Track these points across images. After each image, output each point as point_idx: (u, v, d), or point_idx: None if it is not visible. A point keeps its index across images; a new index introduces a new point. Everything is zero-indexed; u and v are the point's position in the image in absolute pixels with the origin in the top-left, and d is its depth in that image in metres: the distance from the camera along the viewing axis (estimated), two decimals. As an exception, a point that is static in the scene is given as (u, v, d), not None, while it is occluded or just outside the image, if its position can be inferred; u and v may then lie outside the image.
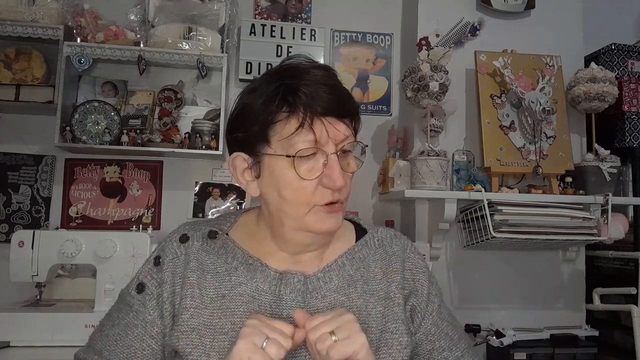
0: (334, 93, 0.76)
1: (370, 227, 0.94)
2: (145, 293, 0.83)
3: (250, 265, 0.82)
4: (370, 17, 2.27)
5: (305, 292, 0.81)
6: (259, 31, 2.11)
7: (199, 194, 2.10)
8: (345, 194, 0.80)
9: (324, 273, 0.83)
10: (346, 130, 0.77)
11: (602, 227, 1.76)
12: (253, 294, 0.80)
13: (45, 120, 1.95)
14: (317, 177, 0.75)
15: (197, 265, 0.83)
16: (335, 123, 0.75)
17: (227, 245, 0.85)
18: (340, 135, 0.76)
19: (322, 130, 0.74)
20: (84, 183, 2.04)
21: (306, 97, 0.74)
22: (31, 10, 1.84)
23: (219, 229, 0.87)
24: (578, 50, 2.09)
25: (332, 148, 0.75)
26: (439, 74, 1.79)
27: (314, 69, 0.78)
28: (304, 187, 0.75)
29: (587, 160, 1.89)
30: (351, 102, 0.79)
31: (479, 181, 1.86)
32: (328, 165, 0.75)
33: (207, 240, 0.86)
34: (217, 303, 0.79)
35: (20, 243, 1.63)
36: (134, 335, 0.81)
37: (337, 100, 0.75)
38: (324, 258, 0.86)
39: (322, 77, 0.77)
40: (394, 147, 2.05)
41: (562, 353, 1.77)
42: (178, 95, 2.05)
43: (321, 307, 0.80)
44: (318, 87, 0.75)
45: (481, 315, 1.90)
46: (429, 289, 0.88)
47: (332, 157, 0.75)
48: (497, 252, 1.96)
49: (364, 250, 0.89)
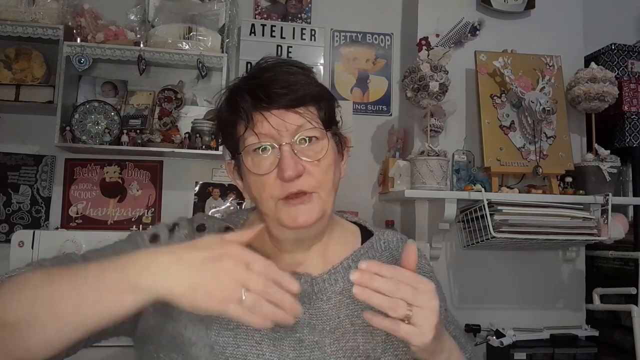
0: (283, 85, 0.75)
1: (376, 230, 0.94)
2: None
3: None
4: (370, 17, 2.27)
5: (311, 293, 0.81)
6: (259, 31, 2.11)
7: (199, 194, 2.10)
8: (312, 183, 0.76)
9: (329, 275, 0.83)
10: (299, 119, 0.76)
11: (602, 227, 1.75)
12: None
13: (45, 120, 1.95)
14: (272, 170, 0.75)
15: None
16: (283, 115, 0.75)
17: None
18: (292, 126, 0.75)
19: (266, 124, 0.75)
20: (84, 183, 2.04)
21: (250, 95, 0.76)
22: (31, 10, 1.84)
23: (233, 226, 0.87)
24: (578, 50, 2.08)
25: (287, 139, 0.75)
26: (439, 74, 1.79)
27: (276, 67, 0.79)
28: (262, 182, 0.76)
29: (587, 160, 1.89)
30: (305, 90, 0.77)
31: (479, 181, 1.86)
32: (280, 157, 0.75)
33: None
34: None
35: (20, 243, 1.63)
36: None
37: (285, 92, 0.75)
38: (327, 260, 0.85)
39: (276, 72, 0.78)
40: (394, 147, 2.05)
41: (562, 353, 1.77)
42: (178, 95, 2.05)
43: (326, 308, 0.80)
44: (265, 83, 0.76)
45: (481, 315, 1.90)
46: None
47: (283, 148, 0.75)
48: (497, 252, 1.96)
49: (369, 252, 0.88)
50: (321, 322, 0.79)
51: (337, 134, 0.84)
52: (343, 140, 0.86)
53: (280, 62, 0.80)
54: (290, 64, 0.80)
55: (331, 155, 0.80)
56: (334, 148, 0.81)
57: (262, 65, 0.80)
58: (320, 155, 0.77)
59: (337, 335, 0.78)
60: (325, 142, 0.78)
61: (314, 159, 0.77)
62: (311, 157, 0.77)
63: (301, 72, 0.80)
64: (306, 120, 0.76)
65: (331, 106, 0.83)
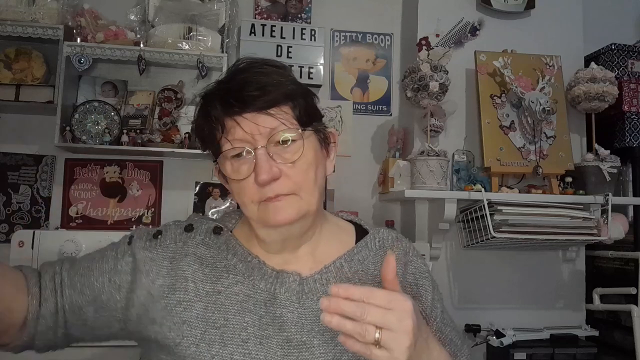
0: (254, 88, 0.75)
1: (371, 227, 0.92)
2: (132, 246, 0.83)
3: (248, 263, 0.82)
4: (370, 17, 2.27)
5: (301, 292, 0.80)
6: (259, 31, 2.11)
7: (199, 194, 2.10)
8: (289, 186, 0.75)
9: (320, 275, 0.82)
10: (273, 122, 0.75)
11: (602, 227, 1.76)
12: (249, 292, 0.80)
13: (45, 120, 1.95)
14: (250, 175, 0.75)
15: (194, 259, 0.82)
16: (255, 118, 0.74)
17: (230, 242, 0.85)
18: (265, 129, 0.74)
19: (238, 130, 0.75)
20: (84, 183, 2.03)
21: (220, 102, 0.76)
22: (31, 10, 1.84)
23: (224, 226, 0.87)
24: (578, 50, 2.09)
25: (262, 142, 0.74)
26: (439, 74, 1.79)
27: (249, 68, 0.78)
28: (242, 187, 0.77)
29: (587, 160, 1.89)
30: (278, 89, 0.76)
31: (479, 181, 1.86)
32: (255, 161, 0.74)
33: (210, 235, 0.85)
34: (212, 297, 0.79)
35: (20, 243, 1.63)
36: (100, 267, 0.81)
37: (256, 94, 0.74)
38: (317, 259, 0.84)
39: (249, 73, 0.77)
40: (394, 147, 2.05)
41: (562, 353, 1.77)
42: (178, 95, 2.05)
43: (316, 309, 0.78)
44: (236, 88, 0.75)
45: (481, 315, 1.90)
46: (432, 295, 0.88)
47: (258, 152, 0.74)
48: (497, 252, 1.96)
49: (363, 251, 0.87)
50: (310, 322, 0.78)
51: (319, 130, 0.82)
52: (328, 136, 0.84)
53: (254, 63, 0.79)
54: (264, 64, 0.79)
55: (310, 154, 0.78)
56: (313, 146, 0.79)
57: (238, 67, 0.80)
58: (296, 157, 0.76)
59: (326, 337, 0.77)
60: (301, 143, 0.77)
61: (289, 161, 0.76)
62: (287, 159, 0.75)
63: (275, 72, 0.78)
64: (280, 122, 0.75)
65: (308, 102, 0.81)
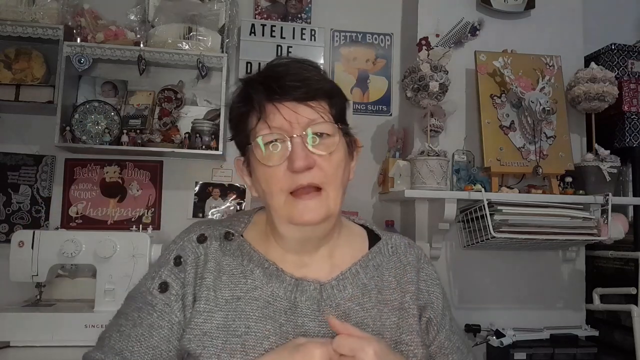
0: (296, 78, 0.76)
1: (383, 233, 0.93)
2: (169, 293, 0.80)
3: (266, 270, 0.82)
4: (370, 17, 2.27)
5: (320, 300, 0.80)
6: (259, 31, 2.11)
7: (199, 194, 2.10)
8: (322, 177, 0.76)
9: (337, 281, 0.82)
10: (312, 113, 0.76)
11: (602, 227, 1.75)
12: (268, 299, 0.79)
13: (45, 120, 1.95)
14: (282, 163, 0.75)
15: (215, 266, 0.82)
16: (296, 107, 0.75)
17: (243, 247, 0.84)
18: (303, 119, 0.75)
19: (278, 116, 0.75)
20: (84, 183, 2.04)
21: (263, 87, 0.76)
22: (31, 10, 1.84)
23: (234, 230, 0.86)
24: (578, 50, 2.08)
25: (298, 132, 0.75)
26: (439, 74, 1.79)
27: (289, 63, 0.79)
28: (272, 174, 0.76)
29: (587, 160, 1.89)
30: (318, 84, 0.77)
31: (479, 181, 1.86)
32: (291, 149, 0.74)
33: (223, 241, 0.85)
34: (232, 305, 0.78)
35: (20, 243, 1.63)
36: (160, 337, 0.77)
37: (298, 84, 0.75)
38: (334, 262, 0.85)
39: (289, 66, 0.78)
40: (394, 147, 2.05)
41: (562, 353, 1.77)
42: (178, 95, 2.05)
43: (334, 315, 0.79)
44: (278, 75, 0.76)
45: (481, 315, 1.90)
46: (443, 302, 0.89)
47: (295, 140, 0.74)
48: (497, 252, 1.96)
49: (377, 257, 0.87)
50: (330, 330, 0.77)
51: (347, 134, 0.83)
52: (353, 141, 0.85)
53: (293, 59, 0.81)
54: (303, 62, 0.81)
55: (342, 152, 0.79)
56: (344, 146, 0.80)
57: (275, 62, 0.81)
58: (332, 149, 0.77)
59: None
60: (337, 138, 0.78)
61: (325, 153, 0.76)
62: (322, 150, 0.76)
63: (314, 69, 0.80)
64: (318, 115, 0.76)
65: (343, 104, 0.82)
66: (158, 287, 0.81)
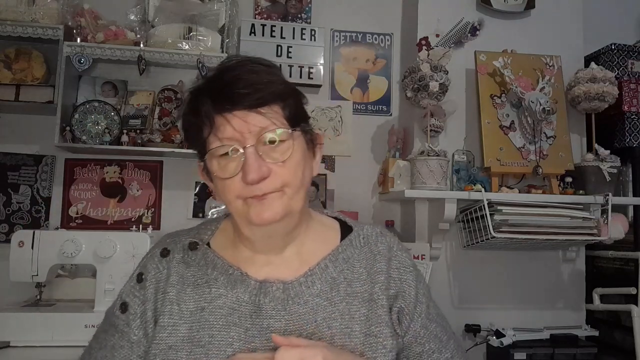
0: (245, 84, 0.74)
1: (355, 224, 0.91)
2: (128, 312, 0.81)
3: (230, 276, 0.81)
4: (370, 17, 2.27)
5: (286, 299, 0.79)
6: (259, 31, 2.11)
7: (199, 194, 2.10)
8: (277, 184, 0.75)
9: (305, 278, 0.81)
10: (263, 120, 0.73)
11: (602, 227, 1.76)
12: (233, 305, 0.79)
13: (45, 120, 1.95)
14: (238, 174, 0.74)
15: (178, 279, 0.81)
16: (246, 116, 0.73)
17: (208, 256, 0.83)
18: (255, 128, 0.73)
19: (228, 128, 0.73)
20: (84, 183, 2.03)
21: (210, 98, 0.74)
22: (31, 10, 1.84)
23: (199, 239, 0.86)
24: (578, 50, 2.08)
25: (252, 141, 0.73)
26: (439, 74, 1.79)
27: (238, 67, 0.77)
28: (228, 185, 0.75)
29: (587, 160, 1.89)
30: (269, 88, 0.75)
31: (479, 181, 1.86)
32: (244, 160, 0.73)
33: (187, 252, 0.84)
34: (196, 316, 0.78)
35: (20, 243, 1.63)
36: (120, 357, 0.79)
37: (247, 92, 0.73)
38: (303, 259, 0.83)
39: (239, 71, 0.76)
40: (394, 147, 2.05)
41: (562, 353, 1.77)
42: (178, 95, 2.05)
43: (302, 312, 0.78)
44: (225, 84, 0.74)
45: (481, 315, 1.90)
46: (416, 290, 0.86)
47: (248, 150, 0.73)
48: (497, 252, 1.96)
49: (348, 250, 0.86)
50: (297, 327, 0.77)
51: (306, 131, 0.81)
52: (314, 137, 0.83)
53: (244, 61, 0.78)
54: (254, 62, 0.78)
55: (299, 154, 0.77)
56: (302, 147, 0.79)
57: (226, 65, 0.79)
58: (286, 156, 0.75)
59: (314, 340, 0.77)
60: (291, 143, 0.76)
61: (279, 160, 0.75)
62: (276, 158, 0.75)
63: (265, 71, 0.77)
64: (270, 121, 0.74)
65: (298, 103, 0.80)
66: (119, 308, 0.83)
